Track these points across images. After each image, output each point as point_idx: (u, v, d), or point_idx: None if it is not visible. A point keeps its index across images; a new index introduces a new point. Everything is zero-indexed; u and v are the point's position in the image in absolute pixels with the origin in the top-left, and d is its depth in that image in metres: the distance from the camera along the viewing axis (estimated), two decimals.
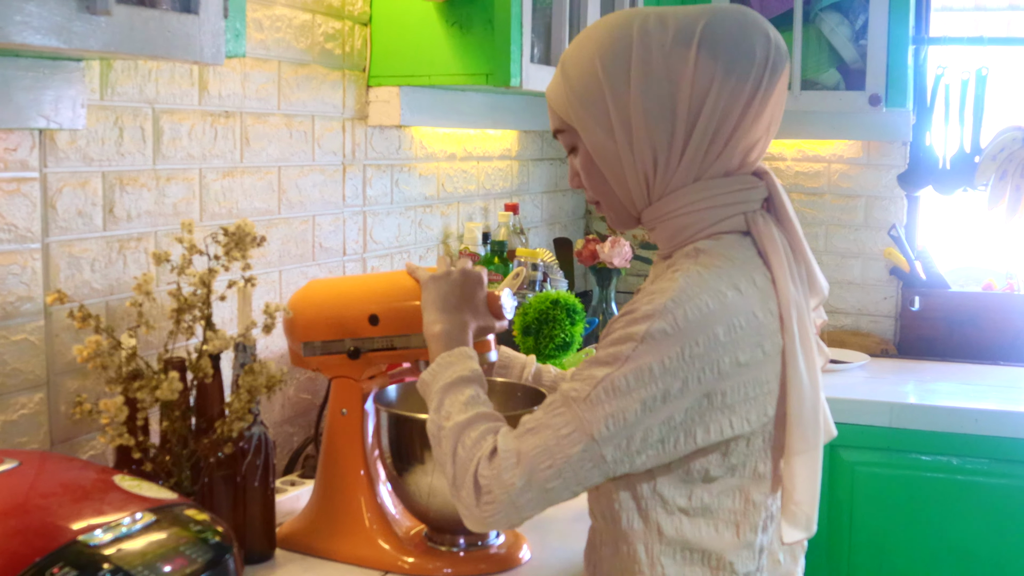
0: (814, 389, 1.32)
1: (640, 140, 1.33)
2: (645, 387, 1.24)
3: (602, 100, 1.34)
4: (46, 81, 1.47)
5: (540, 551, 1.74)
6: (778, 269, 1.33)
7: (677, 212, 1.35)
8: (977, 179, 3.24)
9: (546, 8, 2.32)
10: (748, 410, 1.29)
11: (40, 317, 1.56)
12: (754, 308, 1.29)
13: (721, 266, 1.30)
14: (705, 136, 1.32)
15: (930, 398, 2.88)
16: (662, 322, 1.24)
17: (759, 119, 1.33)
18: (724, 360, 1.25)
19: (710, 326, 1.25)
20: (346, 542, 1.70)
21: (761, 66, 1.31)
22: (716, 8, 1.35)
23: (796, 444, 1.32)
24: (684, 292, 1.26)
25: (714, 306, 1.26)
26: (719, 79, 1.30)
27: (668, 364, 1.24)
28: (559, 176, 3.42)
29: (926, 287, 3.32)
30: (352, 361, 1.70)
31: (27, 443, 1.56)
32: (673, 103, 1.31)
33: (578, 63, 1.37)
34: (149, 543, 1.11)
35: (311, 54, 2.11)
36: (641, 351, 1.24)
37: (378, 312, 1.68)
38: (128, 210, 1.70)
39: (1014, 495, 2.73)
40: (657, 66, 1.31)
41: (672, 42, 1.31)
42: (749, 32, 1.33)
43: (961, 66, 3.29)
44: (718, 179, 1.35)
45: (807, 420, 1.31)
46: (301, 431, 2.13)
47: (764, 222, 1.36)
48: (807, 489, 1.33)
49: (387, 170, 2.40)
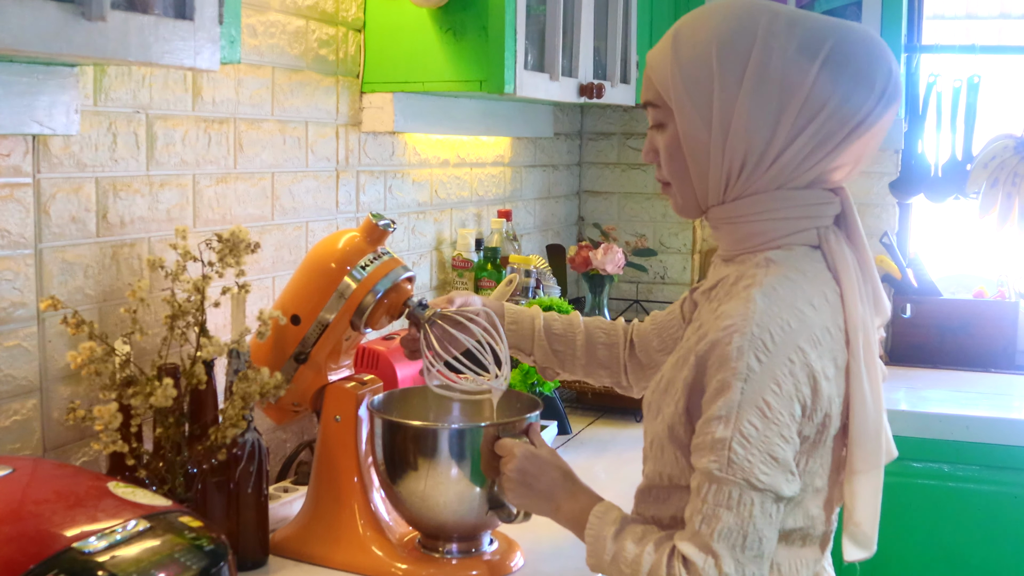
0: (877, 408, 1.32)
1: (735, 140, 1.29)
2: (775, 422, 1.23)
3: (709, 90, 1.30)
4: (40, 86, 1.47)
5: (533, 558, 1.74)
6: (848, 286, 1.32)
7: (750, 217, 1.33)
8: (969, 187, 3.26)
9: (540, 15, 2.32)
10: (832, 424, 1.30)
11: (33, 323, 1.56)
12: (827, 323, 1.29)
13: (796, 280, 1.29)
14: (800, 153, 1.29)
15: (921, 405, 2.89)
16: (754, 352, 1.23)
17: (858, 144, 1.31)
18: (818, 371, 1.26)
19: (796, 342, 1.25)
20: (340, 549, 1.69)
21: (876, 98, 1.29)
22: (847, 27, 1.31)
23: (858, 463, 1.32)
24: (765, 314, 1.25)
25: (795, 324, 1.25)
26: (836, 99, 1.27)
27: (780, 390, 1.23)
28: (552, 183, 3.43)
29: (917, 294, 3.33)
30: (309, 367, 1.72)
31: (20, 450, 1.55)
32: (780, 112, 1.28)
33: (693, 43, 1.31)
34: (143, 550, 1.11)
35: (305, 60, 2.11)
36: (749, 392, 1.23)
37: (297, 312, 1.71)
38: (122, 216, 1.69)
39: (1005, 502, 2.74)
40: (775, 71, 1.27)
41: (796, 52, 1.27)
42: (875, 62, 1.30)
43: (953, 74, 3.30)
44: (798, 191, 1.33)
45: (870, 439, 1.31)
46: (294, 437, 2.13)
47: (836, 239, 1.34)
48: (868, 509, 1.34)
49: (380, 176, 2.40)
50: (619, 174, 3.68)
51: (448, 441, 1.62)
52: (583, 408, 2.72)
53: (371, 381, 1.78)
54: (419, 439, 1.63)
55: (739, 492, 1.23)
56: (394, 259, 1.75)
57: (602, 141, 3.69)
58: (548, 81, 2.33)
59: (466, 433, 1.62)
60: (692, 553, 1.24)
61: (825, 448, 1.32)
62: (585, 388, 2.66)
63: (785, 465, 1.24)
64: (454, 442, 1.62)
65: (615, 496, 1.47)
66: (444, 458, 1.61)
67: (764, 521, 1.23)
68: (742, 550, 1.23)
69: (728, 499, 1.23)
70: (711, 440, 1.24)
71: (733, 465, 1.22)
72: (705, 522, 1.24)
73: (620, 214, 3.69)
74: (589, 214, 3.71)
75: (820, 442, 1.31)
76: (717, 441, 1.23)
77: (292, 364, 1.74)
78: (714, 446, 1.24)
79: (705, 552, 1.23)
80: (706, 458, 1.25)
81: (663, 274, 3.64)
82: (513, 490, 1.52)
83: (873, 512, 1.35)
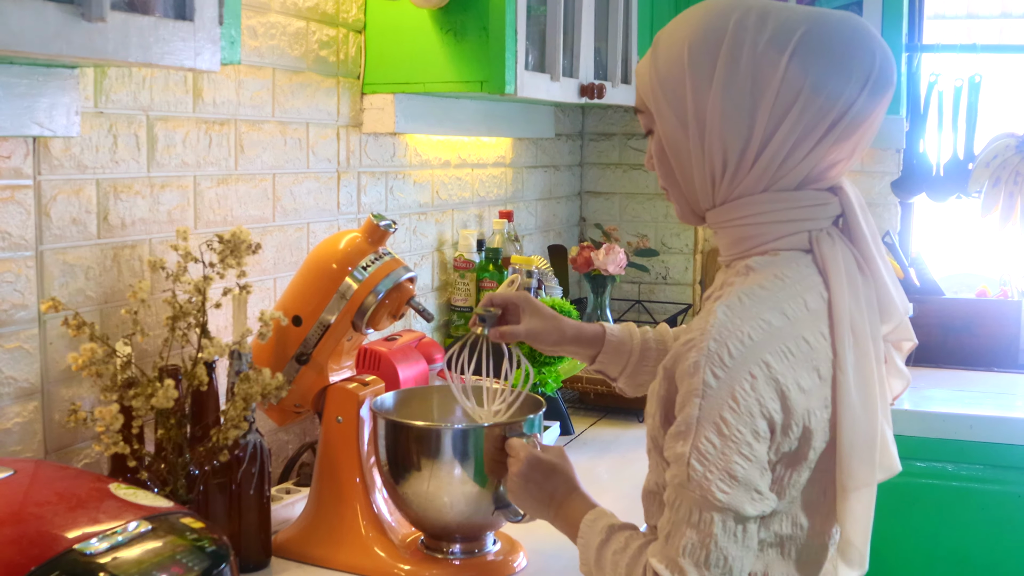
0: (870, 421, 1.26)
1: (712, 140, 1.26)
2: (732, 440, 1.18)
3: (682, 90, 1.27)
4: (40, 88, 1.47)
5: (536, 559, 1.74)
6: (836, 291, 1.26)
7: (739, 221, 1.29)
8: (970, 186, 3.25)
9: (540, 15, 2.32)
10: (815, 438, 1.24)
11: (34, 325, 1.56)
12: (803, 332, 1.23)
13: (767, 288, 1.24)
14: (781, 149, 1.24)
15: (924, 404, 2.88)
16: (710, 368, 1.18)
17: (845, 140, 1.26)
18: (788, 384, 1.20)
19: (759, 355, 1.19)
20: (342, 550, 1.69)
21: (857, 87, 1.23)
22: (822, 15, 1.26)
23: (846, 480, 1.26)
24: (724, 328, 1.20)
25: (757, 336, 1.20)
26: (806, 94, 1.22)
27: (737, 407, 1.18)
28: (553, 183, 3.43)
29: (920, 294, 3.32)
30: (311, 368, 1.73)
31: (21, 452, 1.55)
32: (753, 109, 1.24)
33: (668, 46, 1.29)
34: (145, 551, 1.11)
35: (305, 61, 2.10)
36: (706, 408, 1.18)
37: (299, 312, 1.72)
38: (122, 218, 1.69)
39: (1008, 501, 2.73)
40: (745, 66, 1.24)
41: (766, 44, 1.23)
42: (852, 48, 1.24)
43: (954, 73, 3.30)
44: (788, 192, 1.27)
45: (860, 454, 1.25)
46: (296, 439, 2.12)
47: (829, 242, 1.28)
48: (859, 527, 1.29)
49: (381, 177, 2.40)
50: (620, 175, 3.68)
51: (452, 441, 1.62)
52: (585, 409, 2.72)
53: (373, 382, 1.78)
54: (422, 439, 1.63)
55: (699, 509, 1.19)
56: (395, 259, 1.75)
57: (603, 142, 3.69)
58: (549, 82, 2.33)
59: (470, 433, 1.62)
60: (660, 569, 1.21)
61: (810, 462, 1.26)
62: (587, 389, 2.66)
63: (747, 483, 1.18)
64: (458, 442, 1.61)
65: (617, 497, 1.47)
66: (448, 458, 1.61)
67: (727, 540, 1.19)
68: (706, 567, 1.19)
69: (689, 515, 1.19)
70: (674, 455, 1.21)
71: (692, 481, 1.18)
72: (671, 536, 1.21)
73: (622, 214, 3.68)
74: (591, 215, 3.71)
75: (804, 455, 1.25)
76: (678, 456, 1.20)
77: (294, 365, 1.74)
78: (676, 460, 1.21)
79: (671, 569, 1.20)
80: (671, 470, 1.22)
81: (665, 274, 3.64)
82: (516, 493, 1.51)
83: (864, 531, 1.29)
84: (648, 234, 3.63)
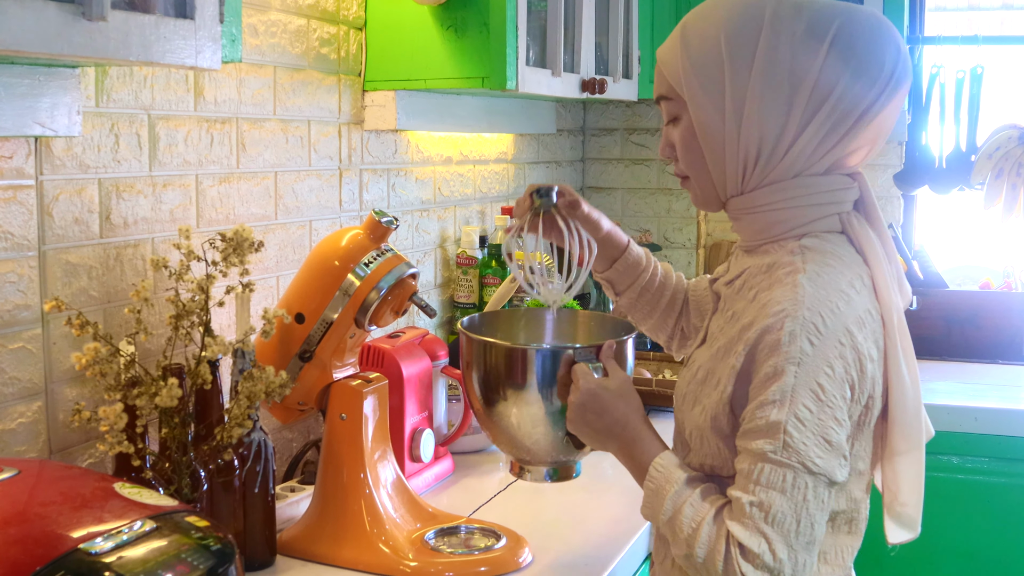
0: (915, 388, 1.33)
1: (750, 126, 1.30)
2: (828, 405, 1.23)
3: (720, 77, 1.30)
4: (41, 88, 1.47)
5: (542, 554, 1.74)
6: (877, 270, 1.33)
7: (771, 206, 1.34)
8: (973, 178, 3.25)
9: (541, 11, 2.32)
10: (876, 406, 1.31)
11: (37, 325, 1.56)
12: (868, 306, 1.30)
13: (834, 265, 1.30)
14: (816, 135, 1.30)
15: (929, 397, 2.85)
16: (806, 336, 1.23)
17: (871, 127, 1.32)
18: (864, 353, 1.26)
19: (845, 324, 1.25)
20: (347, 547, 1.69)
21: (887, 76, 1.30)
22: (852, 8, 1.32)
23: (899, 444, 1.32)
24: (814, 298, 1.25)
25: (843, 306, 1.26)
26: (845, 81, 1.28)
27: (832, 373, 1.23)
28: (555, 179, 3.42)
29: (924, 286, 3.32)
30: (314, 366, 1.72)
31: (26, 452, 1.55)
32: (792, 95, 1.28)
33: (701, 33, 1.32)
34: (150, 550, 1.10)
35: (306, 59, 2.10)
36: (803, 375, 1.23)
37: (302, 310, 1.71)
38: (125, 217, 1.69)
39: (1014, 493, 2.73)
40: (784, 55, 1.28)
41: (804, 34, 1.28)
42: (883, 40, 1.31)
43: (956, 65, 3.29)
44: (818, 177, 1.33)
45: (910, 419, 1.32)
46: (300, 436, 2.12)
47: (859, 223, 1.35)
48: (913, 489, 1.35)
49: (383, 174, 2.39)
50: (622, 170, 3.68)
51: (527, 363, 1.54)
52: None
53: (376, 379, 1.78)
54: (512, 361, 1.56)
55: (793, 475, 1.22)
56: (397, 256, 1.75)
57: (605, 137, 3.68)
58: (550, 77, 2.32)
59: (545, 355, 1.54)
60: (745, 538, 1.22)
61: (868, 430, 1.33)
62: None
63: (839, 449, 1.24)
64: (532, 364, 1.54)
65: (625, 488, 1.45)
66: (530, 381, 1.54)
67: (816, 506, 1.23)
68: (795, 535, 1.22)
69: (783, 482, 1.22)
70: (765, 424, 1.23)
71: (788, 448, 1.22)
72: (758, 506, 1.23)
73: (624, 209, 3.68)
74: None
75: (864, 424, 1.31)
76: (772, 424, 1.23)
77: (297, 363, 1.74)
78: (768, 430, 1.23)
79: (759, 537, 1.22)
80: (759, 441, 1.24)
81: None
82: (573, 422, 1.47)
83: (918, 492, 1.35)
84: (651, 229, 3.63)
